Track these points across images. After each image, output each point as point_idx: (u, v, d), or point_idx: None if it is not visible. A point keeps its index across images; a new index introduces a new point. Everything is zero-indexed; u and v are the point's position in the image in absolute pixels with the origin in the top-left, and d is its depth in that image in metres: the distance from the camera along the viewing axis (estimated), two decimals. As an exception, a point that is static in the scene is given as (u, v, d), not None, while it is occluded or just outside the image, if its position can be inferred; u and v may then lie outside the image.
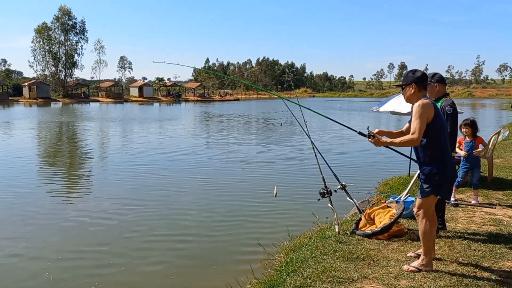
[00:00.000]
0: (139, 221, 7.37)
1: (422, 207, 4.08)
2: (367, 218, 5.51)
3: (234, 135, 21.89)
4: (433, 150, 3.99)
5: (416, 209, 4.14)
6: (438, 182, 4.01)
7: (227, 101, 78.14)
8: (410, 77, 4.07)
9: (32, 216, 7.65)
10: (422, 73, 4.09)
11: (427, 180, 4.03)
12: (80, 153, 16.20)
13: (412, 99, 4.07)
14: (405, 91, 4.13)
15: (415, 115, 3.88)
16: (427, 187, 4.03)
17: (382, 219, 5.32)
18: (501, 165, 9.82)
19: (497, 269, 4.18)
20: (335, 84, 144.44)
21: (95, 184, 10.43)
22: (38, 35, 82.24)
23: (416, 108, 3.89)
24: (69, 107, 55.85)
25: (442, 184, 4.05)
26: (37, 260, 5.80)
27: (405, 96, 4.15)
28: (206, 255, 5.98)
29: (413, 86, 4.03)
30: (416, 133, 3.86)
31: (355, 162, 13.55)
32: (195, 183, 10.23)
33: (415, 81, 4.03)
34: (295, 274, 4.21)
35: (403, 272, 4.10)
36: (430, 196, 4.05)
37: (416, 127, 3.86)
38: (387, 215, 5.33)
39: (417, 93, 4.03)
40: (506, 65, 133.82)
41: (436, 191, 4.04)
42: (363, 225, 5.46)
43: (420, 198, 4.09)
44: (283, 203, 8.19)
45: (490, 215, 6.06)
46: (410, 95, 4.08)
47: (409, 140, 3.93)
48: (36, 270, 5.48)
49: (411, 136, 3.90)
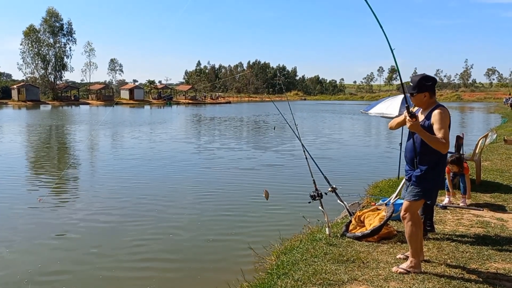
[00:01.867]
0: (128, 226, 7.33)
1: (409, 210, 4.12)
2: (357, 220, 5.56)
3: (224, 138, 21.89)
4: (434, 156, 4.04)
5: (403, 211, 4.17)
6: (430, 187, 4.09)
7: (219, 104, 78.07)
8: (423, 86, 4.07)
9: (12, 221, 7.57)
10: (433, 79, 4.13)
11: (420, 184, 4.07)
12: (66, 157, 16.06)
13: (422, 104, 4.14)
14: (416, 97, 4.13)
15: (441, 122, 3.91)
16: (418, 191, 4.08)
17: (372, 221, 5.38)
18: (488, 167, 9.95)
19: (484, 270, 4.25)
20: (326, 87, 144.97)
21: (81, 188, 10.29)
22: (26, 37, 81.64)
23: (442, 115, 3.94)
24: (59, 109, 55.40)
25: (433, 189, 4.14)
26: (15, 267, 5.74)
27: (416, 101, 4.16)
28: (196, 259, 5.98)
29: (426, 94, 4.08)
30: (447, 142, 3.89)
31: (345, 165, 13.63)
32: (185, 188, 10.19)
33: (428, 90, 4.08)
34: (286, 276, 4.24)
35: (393, 274, 4.15)
36: (420, 200, 4.11)
37: (445, 135, 3.89)
38: (376, 217, 5.39)
39: (429, 100, 4.09)
40: (494, 69, 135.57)
41: (427, 196, 4.11)
42: (353, 227, 5.50)
43: (409, 201, 4.13)
44: (274, 206, 8.21)
45: (477, 217, 6.15)
46: (422, 101, 4.11)
47: (440, 144, 3.86)
48: (13, 277, 5.39)
49: (443, 142, 3.86)
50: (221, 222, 7.52)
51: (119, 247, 6.34)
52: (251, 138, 22.41)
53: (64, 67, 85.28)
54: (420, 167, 4.09)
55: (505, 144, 14.78)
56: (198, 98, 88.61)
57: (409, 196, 4.15)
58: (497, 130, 20.25)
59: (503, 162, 10.98)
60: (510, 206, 6.71)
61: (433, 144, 3.91)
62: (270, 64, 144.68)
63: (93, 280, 5.30)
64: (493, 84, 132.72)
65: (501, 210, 6.50)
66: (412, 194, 4.12)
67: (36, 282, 5.25)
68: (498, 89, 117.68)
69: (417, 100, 4.16)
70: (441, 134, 3.89)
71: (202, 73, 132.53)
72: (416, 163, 4.12)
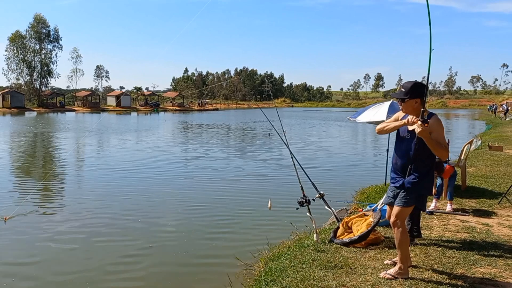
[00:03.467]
0: (112, 237, 7.18)
1: (400, 217, 4.12)
2: (345, 226, 5.58)
3: (211, 146, 21.83)
4: (427, 163, 4.08)
5: (393, 218, 4.14)
6: (422, 193, 4.13)
7: (206, 111, 77.93)
8: (416, 92, 4.06)
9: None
10: (424, 86, 4.13)
11: (411, 191, 4.08)
12: (49, 167, 15.85)
13: (412, 111, 4.09)
14: (407, 103, 4.11)
15: (440, 130, 3.98)
16: (409, 198, 4.09)
17: (359, 227, 5.40)
18: (474, 173, 10.07)
19: (470, 275, 4.28)
20: (313, 94, 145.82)
21: (66, 197, 10.13)
22: (12, 43, 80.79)
23: (439, 123, 4.01)
24: (44, 116, 54.73)
25: (424, 195, 4.18)
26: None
27: (407, 107, 4.13)
28: (183, 267, 5.92)
29: (417, 100, 4.07)
30: (447, 148, 3.98)
31: (333, 172, 13.68)
32: (171, 197, 10.04)
33: (420, 96, 4.07)
34: (274, 283, 4.22)
35: (380, 279, 4.16)
36: (411, 206, 4.14)
37: (444, 141, 4.00)
38: (364, 223, 5.41)
39: (419, 107, 4.06)
40: (478, 77, 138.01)
41: (418, 202, 4.15)
42: (340, 233, 5.52)
43: (401, 207, 4.11)
44: (261, 213, 8.19)
45: (463, 222, 6.21)
46: (412, 108, 4.09)
47: (444, 151, 3.96)
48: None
49: (446, 150, 3.99)
50: (208, 230, 7.46)
51: (103, 259, 6.20)
52: (238, 146, 22.39)
53: (50, 73, 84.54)
54: (415, 173, 4.08)
55: (489, 150, 15.01)
56: (185, 105, 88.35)
57: (401, 203, 4.12)
58: (482, 136, 20.55)
59: (488, 168, 11.13)
60: (495, 212, 6.79)
61: (437, 150, 3.94)
62: (257, 71, 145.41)
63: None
64: (477, 91, 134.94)
65: (486, 216, 6.58)
66: (405, 200, 4.11)
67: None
68: (482, 96, 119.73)
69: (408, 106, 4.12)
70: (442, 141, 3.98)
71: (189, 80, 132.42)
72: (410, 169, 4.09)
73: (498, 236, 5.57)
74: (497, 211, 6.82)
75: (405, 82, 4.22)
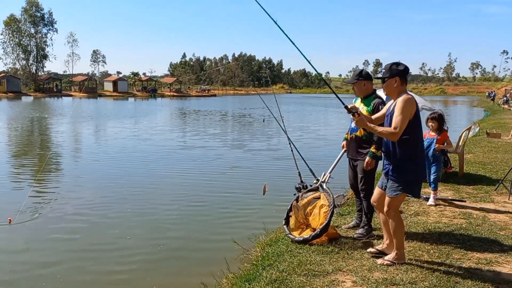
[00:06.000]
0: (111, 218, 7.23)
1: (392, 206, 4.06)
2: (300, 216, 5.14)
3: (208, 131, 21.80)
4: (409, 147, 3.95)
5: (386, 207, 4.09)
6: (410, 180, 4.01)
7: (204, 97, 77.63)
8: (394, 70, 3.97)
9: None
10: (405, 66, 4.01)
11: (399, 178, 3.99)
12: (47, 151, 15.81)
13: (393, 92, 4.00)
14: (387, 83, 4.02)
15: (399, 110, 3.81)
16: (398, 186, 4.00)
17: (317, 217, 4.94)
18: (471, 160, 10.09)
19: (466, 260, 4.31)
20: (312, 81, 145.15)
21: (62, 185, 10.10)
22: (7, 27, 79.94)
23: (401, 103, 3.83)
24: (41, 101, 54.45)
25: (414, 182, 4.06)
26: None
27: (387, 89, 4.05)
28: (181, 252, 5.93)
29: (396, 79, 3.95)
30: (398, 128, 3.79)
31: (331, 158, 13.66)
32: (168, 182, 10.04)
33: (399, 74, 3.95)
34: (271, 267, 4.24)
35: (377, 264, 4.18)
36: (401, 195, 4.05)
37: (398, 122, 3.79)
38: (320, 212, 4.95)
39: (399, 87, 3.96)
40: (477, 63, 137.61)
41: (407, 189, 4.05)
42: (295, 225, 5.13)
43: (391, 197, 4.04)
44: (258, 198, 8.19)
45: (460, 208, 6.24)
46: (392, 88, 3.99)
47: (390, 133, 3.84)
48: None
49: (392, 130, 3.82)
50: (206, 216, 7.46)
51: (104, 242, 6.24)
52: (235, 132, 22.36)
53: (45, 57, 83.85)
54: (396, 159, 3.99)
55: (487, 137, 15.03)
56: (183, 91, 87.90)
57: (390, 192, 4.05)
58: (480, 123, 20.57)
59: (486, 154, 11.16)
60: (491, 198, 6.82)
61: (382, 135, 3.98)
62: (255, 56, 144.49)
63: (79, 275, 5.23)
64: (476, 78, 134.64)
65: (483, 202, 6.61)
66: (393, 189, 4.02)
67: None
68: (481, 83, 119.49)
69: (388, 87, 4.03)
70: (395, 123, 3.83)
71: (187, 65, 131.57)
72: (392, 155, 4.03)
73: (494, 222, 5.60)
74: (493, 197, 6.85)
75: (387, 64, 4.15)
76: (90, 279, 5.11)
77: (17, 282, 5.02)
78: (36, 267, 5.40)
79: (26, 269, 5.32)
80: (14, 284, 4.98)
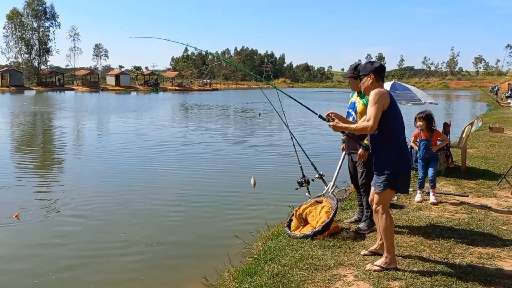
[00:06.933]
0: (113, 214, 7.23)
1: (380, 203, 3.92)
2: (299, 218, 5.24)
3: (210, 125, 21.80)
4: (387, 138, 3.88)
5: (374, 204, 3.98)
6: (392, 172, 3.86)
7: (206, 91, 77.49)
8: (368, 67, 4.03)
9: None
10: (380, 64, 4.07)
11: (381, 171, 3.90)
12: (50, 146, 15.85)
13: (369, 89, 3.98)
14: (363, 81, 4.07)
15: (371, 102, 3.81)
16: (382, 181, 3.88)
17: (318, 217, 4.99)
18: (474, 155, 10.06)
19: (468, 255, 4.31)
20: (314, 75, 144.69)
21: (65, 180, 10.06)
22: (10, 21, 79.90)
23: (373, 95, 3.82)
24: (43, 95, 54.50)
25: (397, 175, 3.88)
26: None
27: (363, 86, 4.08)
28: (183, 247, 5.94)
29: (371, 76, 3.98)
30: (371, 120, 3.75)
31: (333, 152, 13.64)
32: (170, 177, 10.05)
33: (374, 71, 3.98)
34: (272, 262, 4.25)
35: (379, 258, 4.17)
36: (386, 190, 3.90)
37: (371, 114, 3.77)
38: (321, 211, 5.03)
39: (375, 83, 3.97)
40: (481, 57, 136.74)
41: (392, 184, 3.87)
42: (295, 226, 5.20)
43: (376, 193, 3.95)
44: (260, 192, 8.19)
45: (462, 203, 6.22)
46: (368, 85, 4.00)
47: (364, 127, 3.83)
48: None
49: (366, 123, 3.81)
50: (207, 210, 7.47)
51: (107, 239, 6.24)
52: (237, 127, 22.34)
53: (48, 51, 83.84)
54: (378, 152, 3.95)
55: (490, 132, 14.99)
56: (185, 85, 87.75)
57: (376, 188, 3.95)
58: (483, 118, 20.47)
59: (488, 149, 11.12)
60: (494, 193, 6.81)
61: (358, 132, 4.08)
62: (257, 51, 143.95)
63: (83, 266, 5.25)
64: (480, 73, 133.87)
65: (485, 196, 6.60)
66: (378, 184, 3.92)
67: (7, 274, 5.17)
68: (484, 77, 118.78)
69: (363, 84, 4.06)
70: (368, 115, 3.82)
71: (189, 60, 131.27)
72: (372, 148, 4.02)
73: (497, 216, 5.59)
74: (496, 192, 6.83)
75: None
76: (91, 272, 5.13)
77: (17, 282, 5.05)
78: (36, 267, 5.42)
79: (26, 269, 5.35)
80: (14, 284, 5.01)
